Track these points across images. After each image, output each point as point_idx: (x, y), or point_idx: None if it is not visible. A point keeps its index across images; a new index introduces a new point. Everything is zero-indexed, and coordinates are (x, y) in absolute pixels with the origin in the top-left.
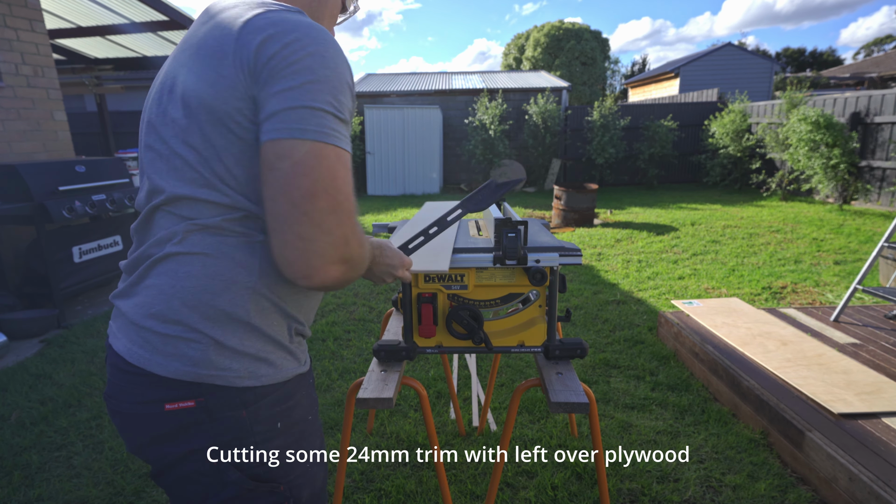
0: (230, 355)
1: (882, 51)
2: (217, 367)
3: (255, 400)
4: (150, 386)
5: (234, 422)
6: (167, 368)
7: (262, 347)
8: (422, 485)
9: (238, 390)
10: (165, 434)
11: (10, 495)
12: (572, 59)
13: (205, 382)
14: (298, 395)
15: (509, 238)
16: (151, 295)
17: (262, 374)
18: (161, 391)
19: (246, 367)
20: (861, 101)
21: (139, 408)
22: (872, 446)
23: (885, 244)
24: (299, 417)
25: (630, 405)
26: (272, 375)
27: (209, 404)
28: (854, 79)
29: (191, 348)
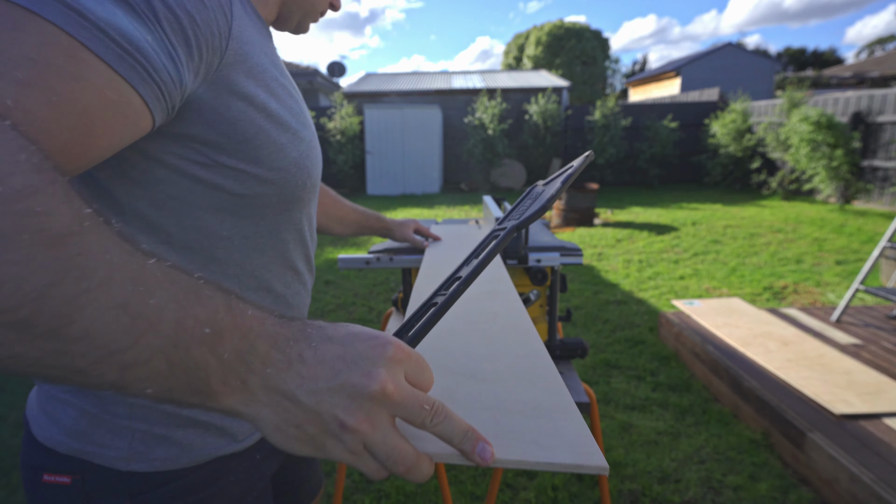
0: (111, 429)
1: (884, 50)
2: (93, 442)
3: (145, 489)
4: (32, 447)
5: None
6: (44, 432)
7: (159, 421)
8: (422, 486)
9: (121, 474)
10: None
11: (10, 496)
12: (573, 58)
13: (80, 458)
14: (222, 482)
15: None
16: None
17: (157, 458)
18: (41, 457)
19: (133, 446)
20: (863, 101)
21: (24, 470)
22: (874, 447)
23: (887, 244)
24: None
25: (631, 405)
26: (174, 459)
27: (86, 486)
28: (856, 78)
29: (65, 413)
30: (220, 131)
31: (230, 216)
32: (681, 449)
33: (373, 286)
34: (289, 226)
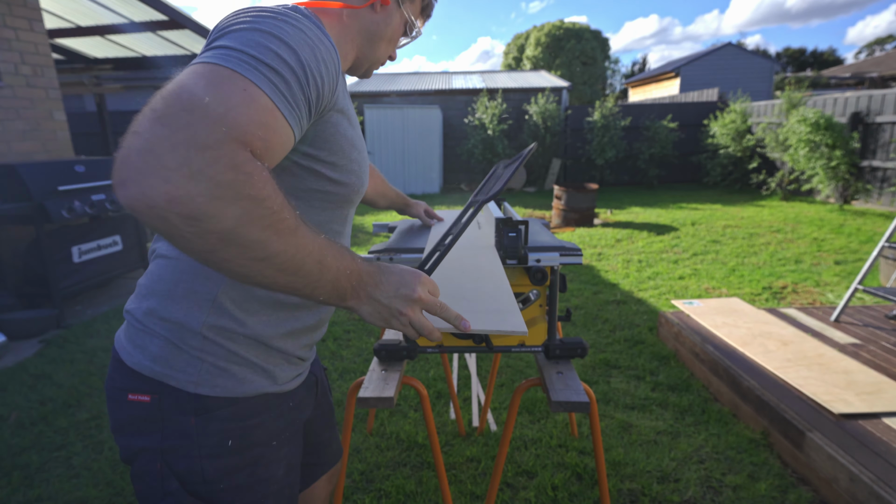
0: (187, 359)
1: (883, 50)
2: (172, 367)
3: (205, 410)
4: (120, 372)
5: (182, 428)
6: (132, 359)
7: (222, 359)
8: (422, 485)
9: (189, 396)
10: (126, 423)
11: (10, 495)
12: (572, 58)
13: (159, 380)
14: (264, 415)
15: (510, 238)
16: (137, 291)
17: (218, 385)
18: (127, 379)
19: (202, 374)
20: (861, 101)
21: (113, 392)
22: (873, 446)
23: (886, 244)
24: (259, 440)
25: (630, 405)
26: (230, 388)
27: (162, 403)
28: (854, 78)
29: (152, 343)
30: (322, 147)
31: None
32: (680, 448)
33: None
34: (340, 220)
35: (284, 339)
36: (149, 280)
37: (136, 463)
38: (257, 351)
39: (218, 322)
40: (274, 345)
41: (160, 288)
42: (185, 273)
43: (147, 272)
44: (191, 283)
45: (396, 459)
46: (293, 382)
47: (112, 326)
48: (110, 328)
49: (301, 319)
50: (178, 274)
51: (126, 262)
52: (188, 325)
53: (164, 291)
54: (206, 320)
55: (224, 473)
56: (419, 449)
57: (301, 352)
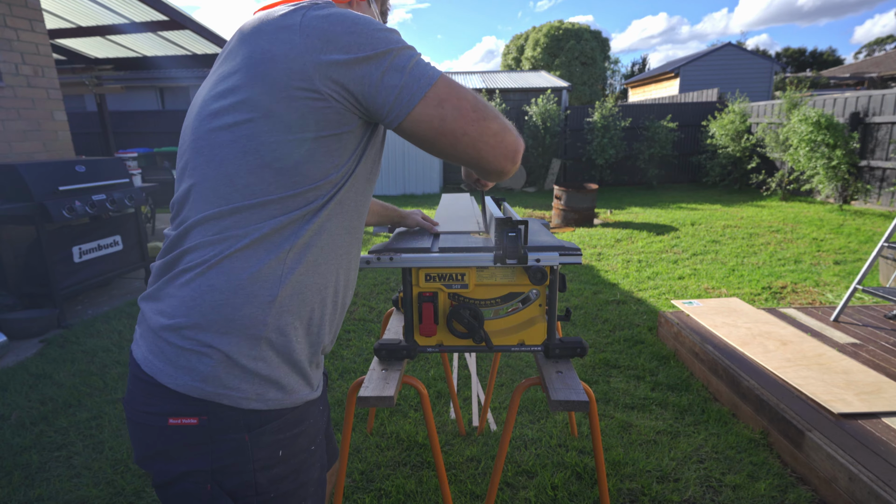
0: (240, 374)
1: (882, 50)
2: (225, 386)
3: (259, 424)
4: (158, 397)
5: (235, 445)
6: (176, 381)
7: (276, 369)
8: (422, 485)
9: (243, 412)
10: (166, 450)
11: (10, 495)
12: (572, 59)
13: (210, 400)
14: (306, 423)
15: (510, 237)
16: (174, 304)
17: (271, 398)
18: (167, 404)
19: (255, 388)
20: (861, 101)
21: (146, 418)
22: (872, 446)
23: (885, 244)
24: (302, 447)
25: (630, 405)
26: (280, 400)
27: (212, 424)
28: (854, 79)
29: (202, 363)
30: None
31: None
32: (680, 448)
33: (373, 286)
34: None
35: (328, 335)
36: (192, 294)
37: (180, 485)
38: (303, 356)
39: (278, 323)
40: (315, 347)
41: (214, 297)
42: (241, 279)
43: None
44: (250, 287)
45: (396, 459)
46: (321, 387)
47: (112, 326)
48: (111, 328)
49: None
50: (235, 281)
51: (126, 261)
52: (252, 331)
53: (221, 301)
54: (269, 321)
55: (274, 482)
56: (419, 448)
57: (328, 349)
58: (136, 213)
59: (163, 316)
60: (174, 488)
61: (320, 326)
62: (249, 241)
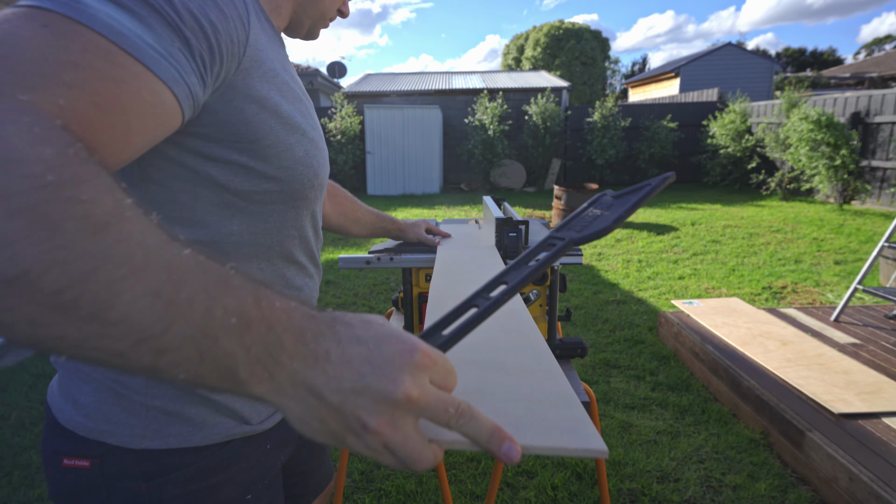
0: (127, 406)
1: (882, 50)
2: (109, 421)
3: (159, 473)
4: (53, 432)
5: (130, 496)
6: (64, 415)
7: (173, 400)
8: (422, 485)
9: (137, 455)
10: (64, 493)
11: (10, 495)
12: (572, 58)
13: (97, 440)
14: (234, 468)
15: (510, 238)
16: None
17: (171, 434)
18: (62, 441)
19: (146, 422)
20: (861, 101)
21: (45, 455)
22: (873, 446)
23: (886, 244)
24: (230, 498)
25: (630, 405)
26: (186, 437)
27: (104, 468)
28: (854, 78)
29: (82, 392)
30: (231, 131)
31: (238, 212)
32: (680, 448)
33: (373, 286)
34: (295, 223)
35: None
36: None
37: None
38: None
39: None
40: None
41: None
42: None
43: None
44: None
45: None
46: (270, 420)
47: None
48: None
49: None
50: None
51: None
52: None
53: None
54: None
55: None
56: None
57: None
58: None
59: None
60: None
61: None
62: None
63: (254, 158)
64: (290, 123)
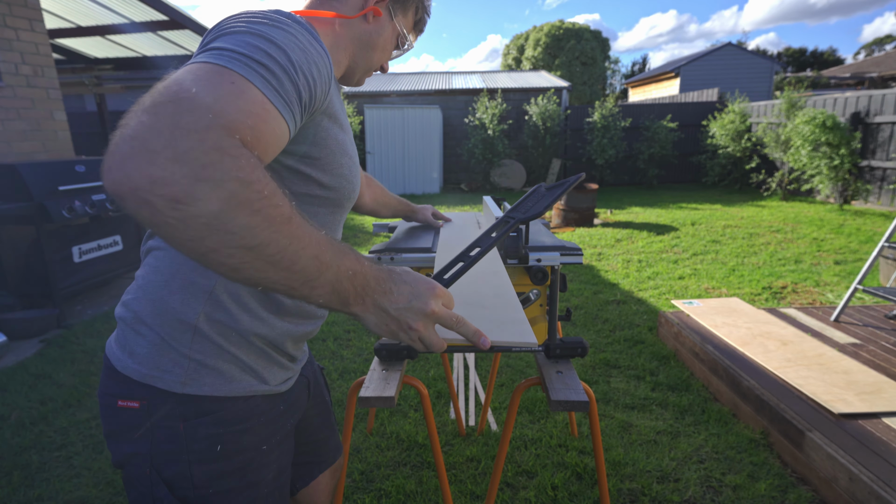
0: (175, 357)
1: (882, 50)
2: (159, 368)
3: (195, 414)
4: (111, 378)
5: (170, 433)
6: (121, 363)
7: (211, 356)
8: (422, 485)
9: (178, 399)
10: (117, 430)
11: (10, 495)
12: (572, 58)
13: (147, 383)
14: (253, 420)
15: (510, 237)
16: (131, 286)
17: (206, 384)
18: (117, 386)
19: (188, 372)
20: (861, 101)
21: (104, 399)
22: (873, 446)
23: (886, 244)
24: (249, 445)
25: (630, 405)
26: (218, 387)
27: (150, 409)
28: (854, 79)
29: (139, 344)
30: (311, 150)
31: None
32: (680, 448)
33: None
34: (331, 225)
35: (277, 339)
36: (143, 273)
37: (127, 468)
38: (248, 350)
39: (213, 314)
40: (265, 344)
41: (156, 279)
42: (182, 264)
43: (141, 269)
44: (189, 274)
45: (396, 459)
46: (284, 385)
47: (112, 326)
48: (111, 328)
49: (296, 323)
50: (176, 265)
51: (126, 261)
52: (182, 317)
53: (160, 282)
54: (202, 310)
55: (213, 478)
56: (419, 448)
57: (293, 350)
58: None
59: (125, 294)
60: (125, 470)
61: (265, 324)
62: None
63: (315, 170)
64: (343, 149)
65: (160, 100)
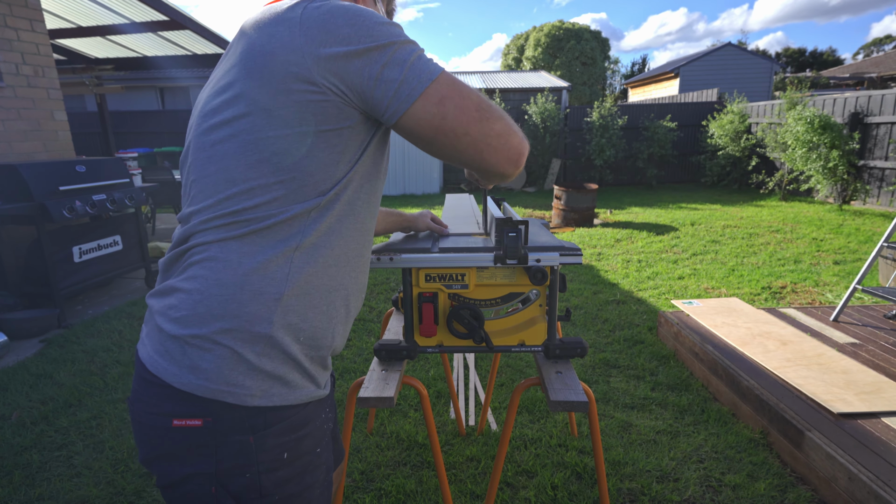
0: (245, 371)
1: (882, 51)
2: (228, 383)
3: (263, 426)
4: (163, 397)
5: (239, 447)
6: (180, 379)
7: (280, 365)
8: (422, 485)
9: (248, 412)
10: (170, 452)
11: (11, 495)
12: (572, 59)
13: (215, 399)
14: (312, 424)
15: (510, 237)
16: (180, 299)
17: (275, 394)
18: (172, 404)
19: (259, 384)
20: (860, 101)
21: (150, 419)
22: (872, 446)
23: (885, 244)
24: (308, 449)
25: (630, 405)
26: (285, 396)
27: (216, 426)
28: (853, 79)
29: (205, 360)
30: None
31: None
32: (680, 448)
33: (373, 286)
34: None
35: (334, 337)
36: (197, 287)
37: (183, 488)
38: (311, 353)
39: (286, 320)
40: (325, 344)
41: (218, 292)
42: (248, 275)
43: (188, 282)
44: (257, 283)
45: (396, 459)
46: (328, 387)
47: (112, 326)
48: (111, 328)
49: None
50: (240, 276)
51: (126, 261)
52: (257, 329)
53: (226, 296)
54: (276, 318)
55: (278, 485)
56: (419, 448)
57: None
58: (136, 213)
59: (171, 311)
60: (179, 490)
61: (328, 329)
62: (249, 230)
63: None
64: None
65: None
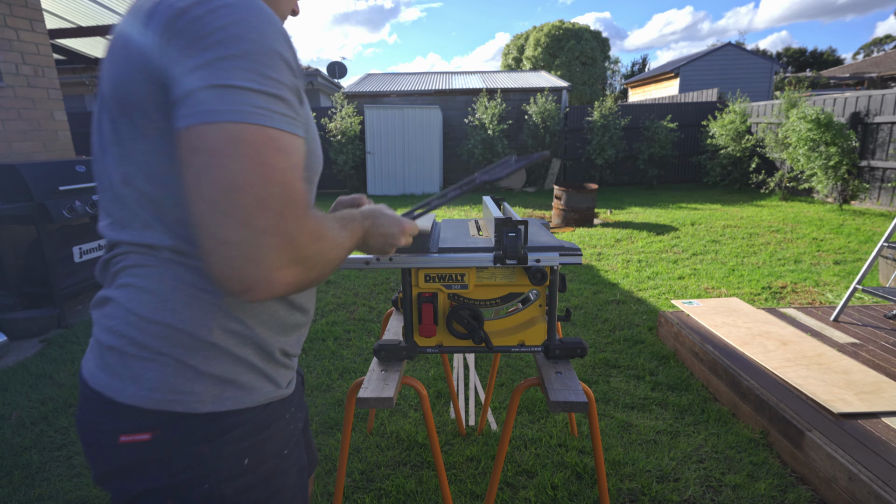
0: (191, 376)
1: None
2: (175, 391)
3: (219, 433)
4: (106, 414)
5: (193, 458)
6: (123, 393)
7: (230, 367)
8: (422, 485)
9: (200, 419)
10: (120, 469)
11: (11, 495)
12: (572, 59)
13: (161, 409)
14: (275, 426)
15: (510, 238)
16: (113, 307)
17: (228, 398)
18: (117, 420)
19: (209, 389)
20: (861, 101)
21: (97, 437)
22: (872, 446)
23: (885, 244)
24: (272, 452)
25: (630, 405)
26: (240, 399)
27: (166, 437)
28: (854, 79)
29: (147, 369)
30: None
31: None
32: (680, 448)
33: (373, 286)
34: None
35: (284, 337)
36: (127, 295)
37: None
38: (261, 354)
39: (227, 325)
40: (275, 345)
41: (149, 300)
42: (179, 280)
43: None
44: (189, 289)
45: (396, 459)
46: (291, 385)
47: None
48: None
49: (296, 318)
50: (170, 283)
51: None
52: (196, 334)
53: (157, 303)
54: (215, 324)
55: (241, 492)
56: (419, 448)
57: (295, 348)
58: None
59: (106, 320)
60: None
61: (276, 327)
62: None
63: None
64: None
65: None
